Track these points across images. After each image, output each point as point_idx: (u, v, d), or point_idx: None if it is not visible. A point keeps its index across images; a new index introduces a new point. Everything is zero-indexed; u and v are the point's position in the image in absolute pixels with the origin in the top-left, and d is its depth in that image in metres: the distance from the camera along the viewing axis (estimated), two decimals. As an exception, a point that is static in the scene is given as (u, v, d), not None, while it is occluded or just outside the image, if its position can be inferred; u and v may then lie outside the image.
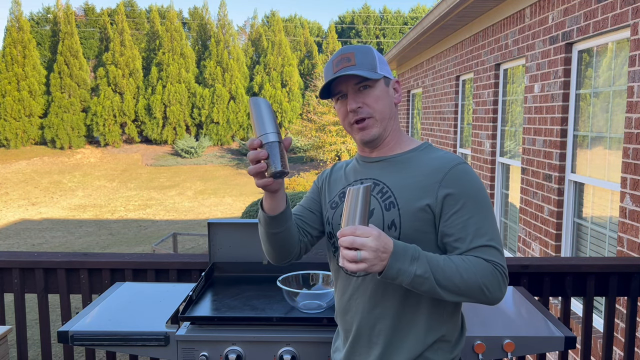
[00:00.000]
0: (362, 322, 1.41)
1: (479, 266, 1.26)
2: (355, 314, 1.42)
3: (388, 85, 1.45)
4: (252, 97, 1.32)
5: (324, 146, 26.62)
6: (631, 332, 2.39)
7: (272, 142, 1.28)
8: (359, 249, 1.15)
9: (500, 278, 1.28)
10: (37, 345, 6.26)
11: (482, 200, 1.33)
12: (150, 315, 1.81)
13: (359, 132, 1.41)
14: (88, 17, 36.67)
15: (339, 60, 1.41)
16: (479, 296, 1.26)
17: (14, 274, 2.41)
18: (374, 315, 1.39)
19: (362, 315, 1.40)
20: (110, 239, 15.43)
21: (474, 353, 1.66)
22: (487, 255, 1.29)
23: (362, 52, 1.41)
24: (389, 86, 1.45)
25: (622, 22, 3.38)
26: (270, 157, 1.28)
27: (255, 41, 35.87)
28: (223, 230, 2.15)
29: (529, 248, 4.88)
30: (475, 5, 5.63)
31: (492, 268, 1.27)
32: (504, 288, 1.29)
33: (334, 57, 1.44)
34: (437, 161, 1.37)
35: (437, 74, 8.56)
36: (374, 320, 1.39)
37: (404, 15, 43.75)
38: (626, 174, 3.28)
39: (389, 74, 1.46)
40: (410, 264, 1.20)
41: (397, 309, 1.37)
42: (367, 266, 1.16)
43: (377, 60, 1.43)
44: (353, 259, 1.15)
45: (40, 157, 29.90)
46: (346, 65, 1.38)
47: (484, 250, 1.29)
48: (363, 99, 1.39)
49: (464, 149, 7.36)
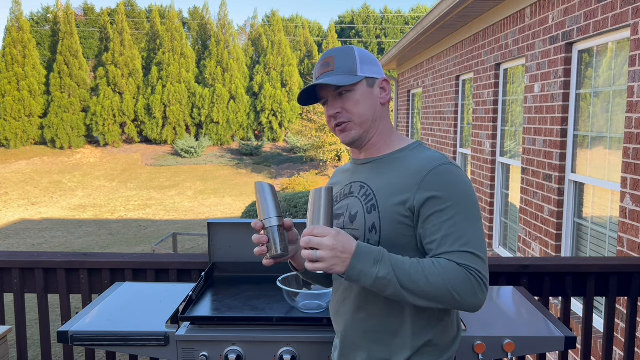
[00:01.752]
0: (348, 324, 1.42)
1: (449, 270, 1.22)
2: (343, 316, 1.43)
3: (373, 86, 1.43)
4: (258, 182, 1.43)
5: (324, 146, 26.63)
6: (631, 332, 2.38)
7: (273, 226, 1.38)
8: (315, 249, 1.18)
9: (475, 284, 1.22)
10: (37, 345, 6.26)
11: (464, 202, 1.28)
12: (150, 315, 1.81)
13: (340, 135, 1.44)
14: (88, 17, 36.66)
15: (320, 66, 1.43)
16: (449, 301, 1.22)
17: (14, 274, 2.41)
18: (359, 318, 1.39)
19: (348, 317, 1.41)
20: (110, 239, 15.43)
21: (474, 353, 1.66)
22: (462, 259, 1.24)
23: (342, 55, 1.42)
24: (373, 86, 1.43)
25: (622, 22, 3.38)
26: (271, 241, 1.37)
27: (256, 41, 35.86)
28: (223, 230, 2.15)
29: (529, 248, 4.88)
30: (475, 5, 5.63)
31: (464, 273, 1.22)
32: (481, 294, 1.23)
33: (319, 61, 1.46)
34: (421, 162, 1.34)
35: (437, 74, 8.56)
36: (360, 322, 1.39)
37: (405, 15, 43.76)
38: (626, 174, 3.28)
39: (374, 74, 1.43)
40: (372, 266, 1.20)
41: (382, 313, 1.36)
42: (324, 265, 1.19)
43: (358, 61, 1.41)
44: (310, 257, 1.18)
45: (40, 157, 29.89)
46: (326, 71, 1.41)
47: (459, 255, 1.24)
48: (342, 104, 1.40)
49: (464, 149, 7.36)
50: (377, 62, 1.47)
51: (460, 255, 1.24)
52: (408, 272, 1.21)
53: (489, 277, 1.27)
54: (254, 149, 31.49)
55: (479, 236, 1.27)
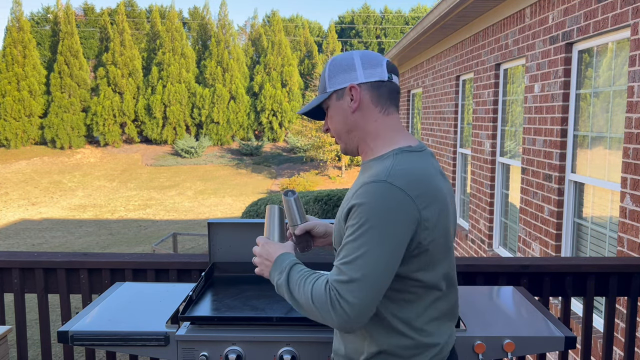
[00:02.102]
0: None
1: (319, 285, 1.26)
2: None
3: (342, 97, 1.41)
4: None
5: (324, 146, 26.65)
6: (631, 332, 2.39)
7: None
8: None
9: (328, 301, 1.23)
10: (37, 345, 6.26)
11: (372, 221, 1.23)
12: (150, 315, 1.81)
13: None
14: (88, 17, 36.67)
15: None
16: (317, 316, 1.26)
17: (14, 274, 2.41)
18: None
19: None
20: (110, 239, 15.43)
21: (474, 353, 1.66)
22: (332, 274, 1.25)
23: (322, 73, 1.48)
24: (343, 98, 1.41)
25: (622, 22, 3.38)
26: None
27: (256, 41, 35.88)
28: (223, 230, 2.15)
29: (529, 248, 4.88)
30: (475, 5, 5.63)
31: (324, 287, 1.25)
32: (333, 313, 1.22)
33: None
34: (370, 173, 1.33)
35: (437, 74, 8.56)
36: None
37: (405, 15, 43.77)
38: (626, 174, 3.28)
39: (342, 83, 1.40)
40: (278, 274, 1.38)
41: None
42: (258, 270, 1.46)
43: (327, 76, 1.44)
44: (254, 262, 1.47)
45: (40, 157, 29.90)
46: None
47: (334, 269, 1.26)
48: (328, 121, 1.48)
49: (464, 149, 7.36)
50: (350, 67, 1.41)
51: (334, 269, 1.26)
52: (294, 284, 1.32)
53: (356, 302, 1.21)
54: (254, 149, 31.50)
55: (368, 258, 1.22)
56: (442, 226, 1.33)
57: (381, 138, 1.41)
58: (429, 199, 1.29)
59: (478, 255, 6.49)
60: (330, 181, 26.56)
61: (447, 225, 1.36)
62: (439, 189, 1.33)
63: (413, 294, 1.34)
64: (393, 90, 1.43)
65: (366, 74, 1.40)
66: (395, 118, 1.44)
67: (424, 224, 1.28)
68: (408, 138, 1.43)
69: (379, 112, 1.41)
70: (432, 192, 1.30)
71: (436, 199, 1.31)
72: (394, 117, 1.44)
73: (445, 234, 1.35)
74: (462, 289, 2.12)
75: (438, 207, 1.31)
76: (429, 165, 1.37)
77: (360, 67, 1.41)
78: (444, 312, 1.41)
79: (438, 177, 1.37)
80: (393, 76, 1.44)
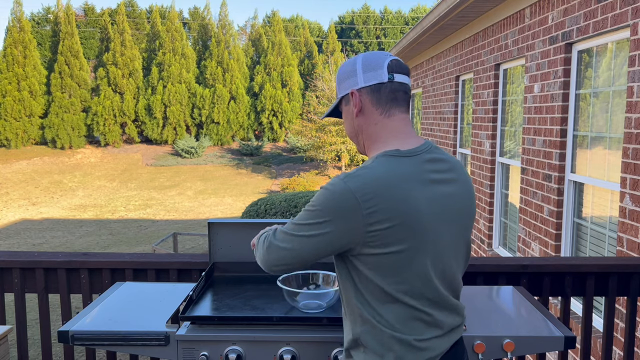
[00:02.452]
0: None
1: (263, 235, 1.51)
2: None
3: (349, 102, 1.48)
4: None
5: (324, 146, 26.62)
6: (631, 332, 2.39)
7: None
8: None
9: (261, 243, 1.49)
10: (37, 345, 6.27)
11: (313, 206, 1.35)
12: (150, 315, 1.81)
13: None
14: (88, 17, 36.69)
15: None
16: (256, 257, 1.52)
17: (15, 274, 2.41)
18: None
19: None
20: (111, 239, 15.44)
21: (474, 353, 1.66)
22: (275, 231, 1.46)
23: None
24: (349, 103, 1.48)
25: (621, 22, 3.38)
26: None
27: (256, 41, 35.87)
28: (223, 230, 2.15)
29: (529, 248, 4.88)
30: (475, 5, 5.63)
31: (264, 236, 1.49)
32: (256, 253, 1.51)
33: None
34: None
35: (437, 74, 8.56)
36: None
37: (405, 15, 43.74)
38: (626, 173, 3.28)
39: (347, 89, 1.46)
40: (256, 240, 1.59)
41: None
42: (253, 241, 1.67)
43: (337, 82, 1.52)
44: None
45: (40, 157, 29.91)
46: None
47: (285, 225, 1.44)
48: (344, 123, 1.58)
49: (464, 149, 7.36)
50: (352, 72, 1.45)
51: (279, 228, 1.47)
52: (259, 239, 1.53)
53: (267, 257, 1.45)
54: (254, 149, 31.49)
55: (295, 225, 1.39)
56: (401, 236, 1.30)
57: (378, 141, 1.44)
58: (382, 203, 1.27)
59: (478, 255, 6.49)
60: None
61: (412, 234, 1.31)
62: (406, 197, 1.29)
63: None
64: (395, 90, 1.42)
65: (365, 78, 1.42)
66: (398, 119, 1.43)
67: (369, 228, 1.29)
68: (405, 141, 1.41)
69: (380, 114, 1.42)
70: (393, 199, 1.28)
71: (390, 205, 1.28)
72: (397, 118, 1.43)
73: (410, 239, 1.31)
74: (462, 288, 2.12)
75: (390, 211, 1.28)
76: (413, 170, 1.34)
77: (361, 71, 1.43)
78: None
79: (417, 186, 1.32)
80: (396, 75, 1.42)
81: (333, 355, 1.65)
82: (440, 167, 1.39)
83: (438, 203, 1.35)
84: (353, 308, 1.39)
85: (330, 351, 1.65)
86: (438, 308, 1.39)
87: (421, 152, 1.39)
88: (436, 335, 1.38)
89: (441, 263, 1.38)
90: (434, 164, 1.38)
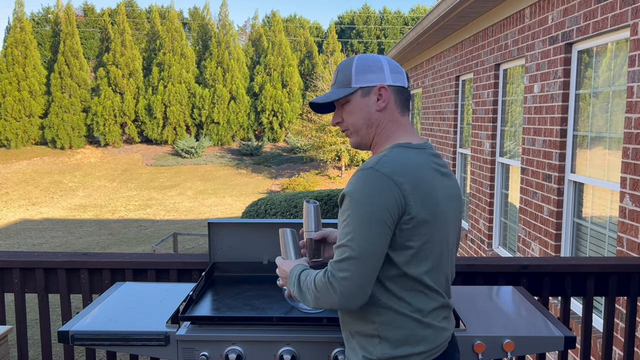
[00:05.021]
0: None
1: (318, 276, 1.40)
2: None
3: (368, 95, 1.51)
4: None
5: (324, 146, 26.64)
6: (631, 332, 2.39)
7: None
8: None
9: (327, 284, 1.36)
10: (37, 345, 6.27)
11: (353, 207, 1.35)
12: (150, 315, 1.81)
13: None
14: (88, 17, 36.69)
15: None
16: (325, 303, 1.39)
17: (15, 274, 2.41)
18: None
19: None
20: (111, 239, 15.44)
21: (474, 353, 1.67)
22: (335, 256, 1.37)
23: (343, 68, 1.55)
24: (369, 95, 1.51)
25: (621, 22, 3.38)
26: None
27: (256, 41, 35.87)
28: (223, 230, 2.15)
29: (529, 248, 4.88)
30: (475, 5, 5.63)
31: (323, 275, 1.38)
32: (334, 293, 1.34)
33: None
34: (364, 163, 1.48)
35: (437, 74, 8.57)
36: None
37: (405, 15, 43.73)
38: (626, 174, 3.28)
39: (370, 82, 1.50)
40: (292, 283, 1.50)
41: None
42: (282, 283, 1.63)
43: (354, 72, 1.52)
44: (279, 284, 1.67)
45: (40, 157, 29.91)
46: (332, 84, 1.59)
47: (336, 251, 1.37)
48: (342, 113, 1.56)
49: (464, 149, 7.36)
50: (379, 68, 1.51)
51: (336, 250, 1.38)
52: (303, 284, 1.44)
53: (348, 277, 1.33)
54: (254, 149, 31.50)
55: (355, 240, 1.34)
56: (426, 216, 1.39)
57: (393, 137, 1.53)
58: (414, 187, 1.37)
59: (478, 255, 6.49)
60: (330, 181, 26.57)
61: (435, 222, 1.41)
62: (427, 181, 1.40)
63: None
64: (409, 97, 1.59)
65: (393, 78, 1.53)
66: (407, 121, 1.57)
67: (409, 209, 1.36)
68: (413, 138, 1.54)
69: (398, 113, 1.54)
70: (418, 182, 1.38)
71: (419, 189, 1.37)
72: (407, 119, 1.57)
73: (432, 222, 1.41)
74: (462, 288, 2.12)
75: (420, 195, 1.37)
76: (425, 160, 1.45)
77: (389, 70, 1.53)
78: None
79: (432, 173, 1.44)
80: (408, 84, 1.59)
81: (333, 355, 1.65)
82: (441, 162, 1.53)
83: (446, 193, 1.48)
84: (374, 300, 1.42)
85: (330, 351, 1.66)
86: (447, 291, 1.52)
87: (427, 147, 1.52)
88: (445, 316, 1.51)
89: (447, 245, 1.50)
90: (437, 158, 1.52)
